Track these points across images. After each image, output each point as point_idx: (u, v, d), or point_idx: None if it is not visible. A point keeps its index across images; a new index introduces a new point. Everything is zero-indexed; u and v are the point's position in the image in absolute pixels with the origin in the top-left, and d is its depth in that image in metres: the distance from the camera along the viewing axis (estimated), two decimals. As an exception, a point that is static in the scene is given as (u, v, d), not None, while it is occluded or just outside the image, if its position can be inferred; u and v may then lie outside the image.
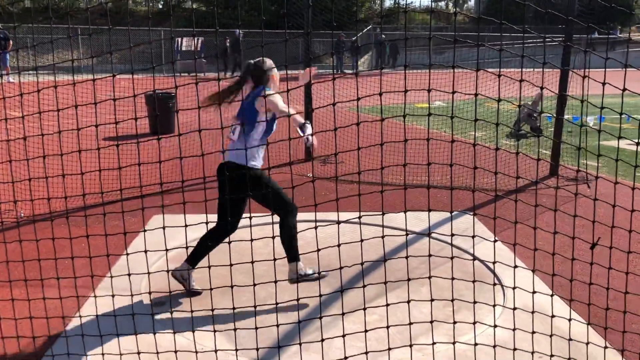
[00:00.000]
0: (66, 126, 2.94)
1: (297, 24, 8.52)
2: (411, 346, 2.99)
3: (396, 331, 3.42)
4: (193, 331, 3.11)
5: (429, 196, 2.90)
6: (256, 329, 2.92)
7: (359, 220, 2.82)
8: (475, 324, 3.05)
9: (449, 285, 3.08)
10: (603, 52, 3.06)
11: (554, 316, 2.90)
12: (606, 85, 2.57)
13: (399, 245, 4.96)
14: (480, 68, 2.64)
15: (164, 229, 2.89)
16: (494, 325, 3.02)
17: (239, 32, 25.66)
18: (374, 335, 3.35)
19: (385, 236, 2.91)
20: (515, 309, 2.94)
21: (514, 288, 2.93)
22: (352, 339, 3.29)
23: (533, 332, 2.96)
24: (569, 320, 2.88)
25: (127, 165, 2.98)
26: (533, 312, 2.98)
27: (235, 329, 2.94)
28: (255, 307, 2.94)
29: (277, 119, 4.00)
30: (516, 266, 2.96)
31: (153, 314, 3.48)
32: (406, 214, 2.79)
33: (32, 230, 4.79)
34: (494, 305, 3.54)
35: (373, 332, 3.26)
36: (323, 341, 2.91)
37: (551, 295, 2.97)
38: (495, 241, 2.89)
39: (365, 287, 2.94)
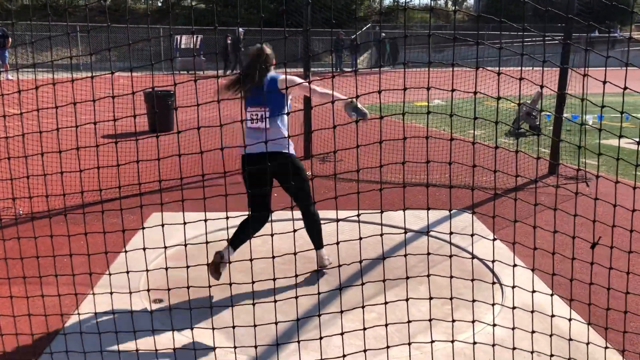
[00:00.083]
0: (65, 124, 2.93)
1: (296, 21, 8.52)
2: (410, 344, 2.99)
3: (395, 329, 3.42)
4: (191, 329, 3.11)
5: (427, 194, 2.90)
6: (254, 326, 2.91)
7: (357, 219, 2.82)
8: (474, 322, 3.05)
9: (448, 284, 3.08)
10: (602, 51, 3.05)
11: (553, 316, 2.89)
12: (605, 84, 2.56)
13: (398, 243, 4.96)
14: (480, 66, 2.64)
15: (162, 226, 2.89)
16: (493, 324, 3.01)
17: (240, 30, 25.66)
18: (373, 333, 3.35)
19: (384, 234, 2.90)
20: (514, 308, 2.93)
21: (513, 287, 2.93)
22: (350, 337, 3.29)
23: (533, 331, 2.96)
24: (569, 320, 2.88)
25: (126, 162, 2.97)
26: (532, 312, 2.97)
27: (234, 327, 2.94)
28: (254, 304, 2.94)
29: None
30: (515, 265, 2.95)
31: (151, 311, 3.48)
32: (405, 212, 2.79)
33: (31, 227, 4.78)
34: (492, 304, 3.55)
35: (372, 330, 3.26)
36: (322, 339, 2.91)
37: (551, 295, 2.96)
38: (494, 240, 2.89)
39: (363, 285, 2.93)
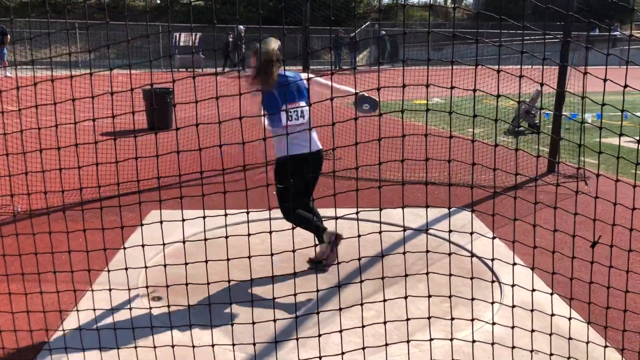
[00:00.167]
0: (63, 121, 2.93)
1: (295, 19, 8.52)
2: (408, 342, 2.99)
3: (393, 327, 3.42)
4: (190, 326, 3.11)
5: (426, 192, 2.90)
6: (253, 324, 2.91)
7: (356, 216, 2.81)
8: (473, 320, 3.04)
9: (447, 282, 3.07)
10: (602, 49, 3.05)
11: (553, 314, 2.89)
12: (606, 82, 2.56)
13: (397, 241, 4.96)
14: (479, 64, 2.63)
15: (161, 224, 2.88)
16: (492, 322, 3.01)
17: (240, 28, 25.63)
18: (371, 331, 3.35)
19: (382, 232, 2.90)
20: (513, 306, 2.93)
21: (512, 285, 2.92)
22: (349, 335, 3.29)
23: (532, 330, 2.96)
24: (569, 318, 2.88)
25: (125, 159, 2.96)
26: (532, 310, 2.97)
27: (233, 324, 2.93)
28: (252, 302, 2.94)
29: None
30: (515, 263, 2.95)
31: (150, 308, 3.48)
32: (404, 210, 2.78)
33: (29, 224, 4.77)
34: (492, 303, 3.55)
35: (370, 327, 3.26)
36: (320, 337, 2.91)
37: (551, 294, 2.96)
38: (493, 238, 2.89)
39: (362, 283, 2.93)
